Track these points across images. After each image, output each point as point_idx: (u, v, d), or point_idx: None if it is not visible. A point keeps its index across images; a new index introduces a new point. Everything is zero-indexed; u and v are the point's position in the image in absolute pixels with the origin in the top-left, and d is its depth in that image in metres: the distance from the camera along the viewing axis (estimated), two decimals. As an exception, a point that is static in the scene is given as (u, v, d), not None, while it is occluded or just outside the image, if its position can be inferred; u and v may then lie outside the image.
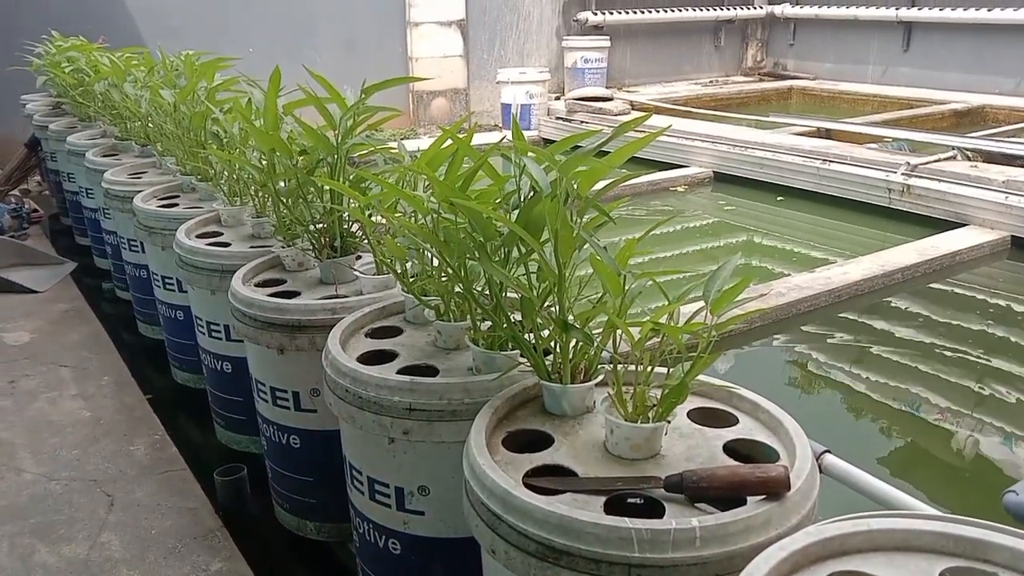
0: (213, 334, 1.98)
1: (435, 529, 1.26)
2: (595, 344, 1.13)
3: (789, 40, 8.45)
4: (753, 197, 4.95)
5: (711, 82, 8.09)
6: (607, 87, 7.06)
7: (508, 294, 1.26)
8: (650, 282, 1.15)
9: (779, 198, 4.85)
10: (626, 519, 0.85)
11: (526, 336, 1.18)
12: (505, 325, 1.19)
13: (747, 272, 3.93)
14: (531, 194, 1.12)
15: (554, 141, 1.26)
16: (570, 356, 1.15)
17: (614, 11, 7.53)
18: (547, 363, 1.14)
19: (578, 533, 0.85)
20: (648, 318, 1.05)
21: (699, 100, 7.13)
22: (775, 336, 3.10)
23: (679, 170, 5.30)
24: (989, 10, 6.61)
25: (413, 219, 1.35)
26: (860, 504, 1.21)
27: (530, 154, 1.12)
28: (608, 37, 7.24)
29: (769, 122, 5.83)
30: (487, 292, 1.26)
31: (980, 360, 2.97)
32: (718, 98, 7.37)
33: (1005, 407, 2.67)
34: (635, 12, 7.64)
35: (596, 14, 7.42)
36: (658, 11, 7.76)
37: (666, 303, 1.09)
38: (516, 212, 1.15)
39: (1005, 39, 6.65)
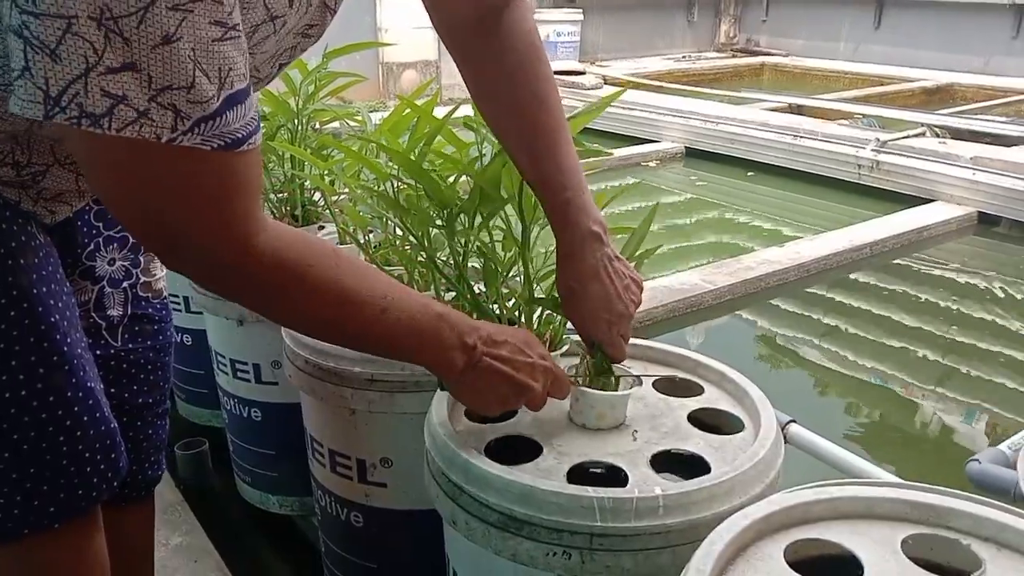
0: (172, 306, 1.93)
1: (397, 501, 1.24)
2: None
3: (762, 16, 8.45)
4: (724, 172, 4.95)
5: (684, 57, 8.07)
6: (580, 61, 7.02)
7: (474, 264, 1.23)
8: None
9: (749, 173, 4.86)
10: (588, 488, 0.83)
11: (491, 306, 1.16)
12: (468, 295, 1.16)
13: (718, 248, 3.94)
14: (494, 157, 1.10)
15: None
16: (535, 326, 1.13)
17: (587, -16, 7.47)
18: (511, 333, 1.11)
19: (539, 503, 0.83)
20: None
21: (672, 75, 7.11)
22: (744, 310, 3.11)
23: (650, 145, 5.29)
24: (959, -12, 6.66)
25: (376, 187, 1.31)
26: (825, 474, 1.22)
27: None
28: (581, 11, 7.18)
29: (741, 98, 5.83)
30: (451, 262, 1.23)
31: (946, 334, 3.01)
32: (691, 73, 7.36)
33: (970, 380, 2.71)
34: (608, -14, 7.59)
35: (569, -13, 7.36)
36: (631, -15, 7.72)
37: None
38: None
39: (974, 18, 6.70)
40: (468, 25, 0.98)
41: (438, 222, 1.17)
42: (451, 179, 1.18)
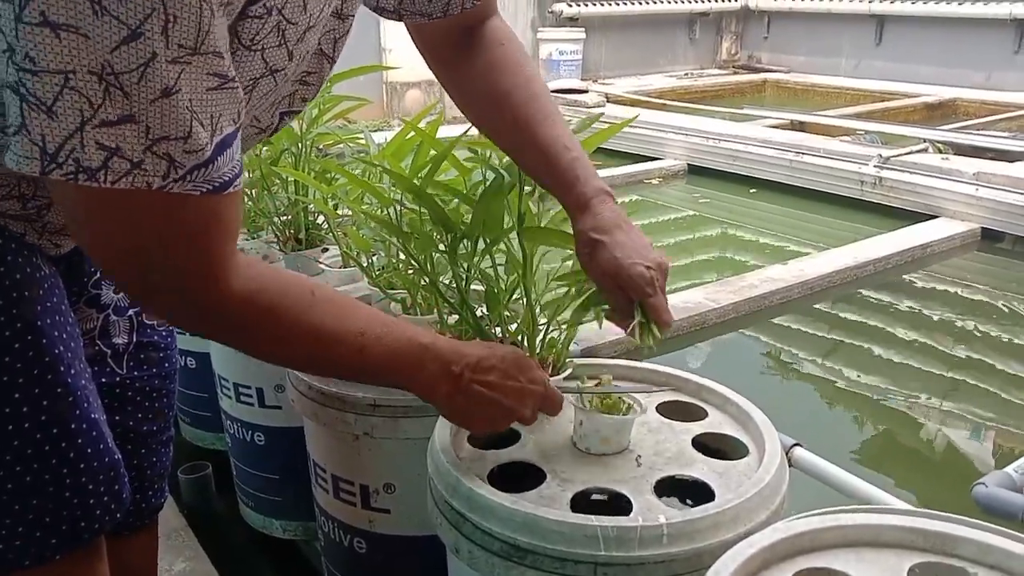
0: (175, 330, 1.94)
1: (401, 527, 1.24)
2: (563, 337, 1.11)
3: (763, 33, 8.48)
4: (727, 189, 4.95)
5: (686, 75, 8.09)
6: (582, 79, 7.04)
7: (477, 288, 1.23)
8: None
9: (752, 190, 4.86)
10: (592, 517, 0.83)
11: (494, 330, 1.16)
12: (471, 319, 1.16)
13: (721, 265, 3.93)
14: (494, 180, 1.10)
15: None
16: (538, 350, 1.12)
17: (589, 3, 7.51)
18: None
19: (543, 532, 0.83)
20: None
21: (674, 93, 7.13)
22: (748, 328, 3.10)
23: (653, 163, 5.30)
24: (960, 4, 6.68)
25: (379, 211, 1.32)
26: (831, 497, 1.21)
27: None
28: (583, 29, 7.21)
29: (743, 115, 5.84)
30: (454, 286, 1.23)
31: (951, 351, 2.99)
32: (692, 91, 7.38)
33: (976, 398, 2.70)
34: (610, 4, 7.63)
35: (571, 6, 7.40)
36: (633, 3, 7.76)
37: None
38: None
39: (976, 33, 6.72)
40: (452, 36, 1.02)
41: (441, 247, 1.17)
42: (455, 202, 1.18)
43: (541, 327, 1.11)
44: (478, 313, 1.20)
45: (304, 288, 0.80)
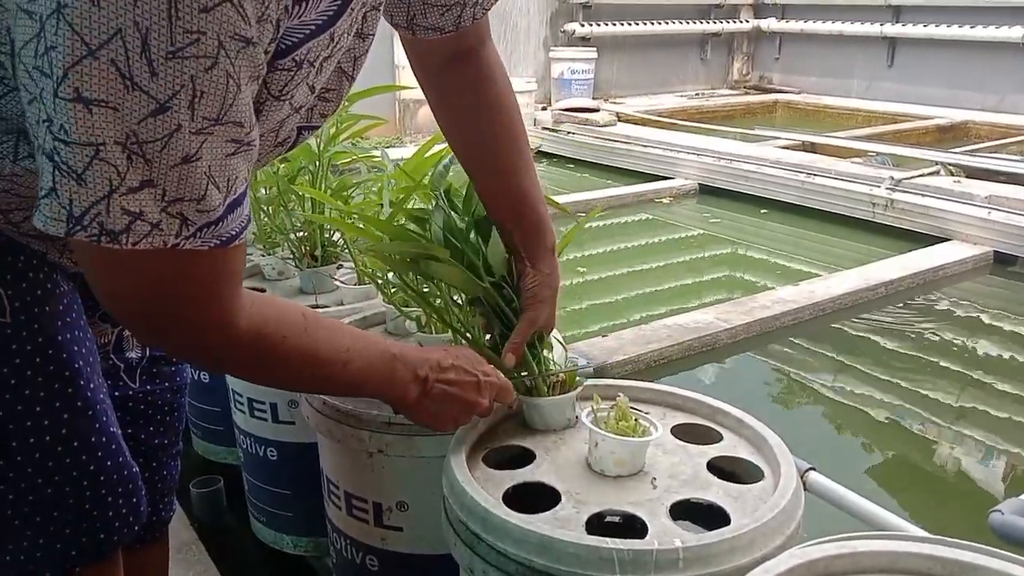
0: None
1: (414, 546, 1.24)
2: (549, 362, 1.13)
3: (775, 54, 8.50)
4: (738, 209, 4.96)
5: (697, 94, 8.12)
6: (594, 98, 7.07)
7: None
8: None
9: (763, 211, 4.86)
10: (607, 539, 0.83)
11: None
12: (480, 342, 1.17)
13: (732, 285, 3.93)
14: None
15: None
16: (547, 368, 1.13)
17: (601, 23, 7.55)
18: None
19: (558, 554, 0.83)
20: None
21: (685, 112, 7.15)
22: (759, 349, 3.10)
23: (665, 182, 5.30)
24: (972, 27, 6.68)
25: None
26: (846, 521, 1.20)
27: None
28: (595, 48, 7.25)
29: (754, 135, 5.85)
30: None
31: (964, 374, 2.98)
32: (704, 110, 7.39)
33: (989, 422, 2.68)
34: (622, 24, 7.67)
35: (583, 25, 7.44)
36: (645, 23, 7.79)
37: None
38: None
39: (988, 55, 6.72)
40: (444, 59, 1.06)
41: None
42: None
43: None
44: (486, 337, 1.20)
45: (298, 315, 0.85)
